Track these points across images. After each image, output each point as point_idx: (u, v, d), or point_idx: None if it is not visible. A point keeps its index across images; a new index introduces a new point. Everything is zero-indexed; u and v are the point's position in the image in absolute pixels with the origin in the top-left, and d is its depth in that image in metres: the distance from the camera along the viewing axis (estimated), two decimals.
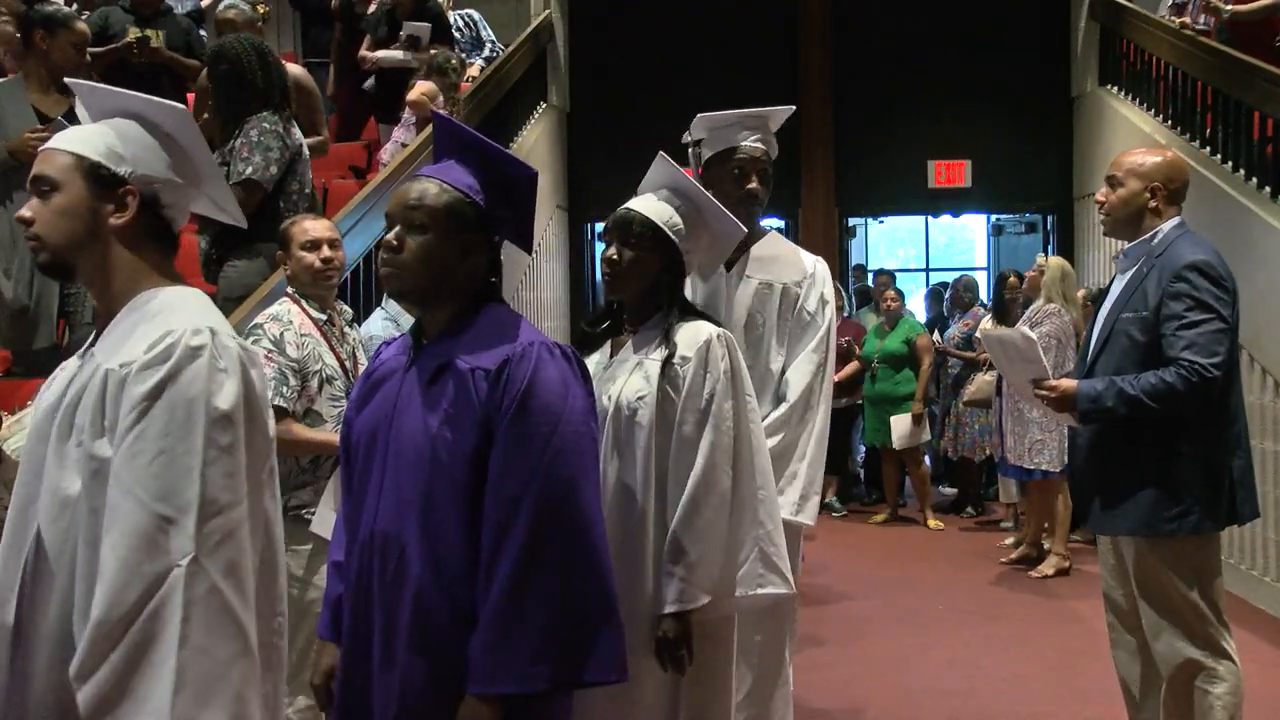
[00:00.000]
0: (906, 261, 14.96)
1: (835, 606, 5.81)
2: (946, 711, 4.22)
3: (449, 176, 1.98)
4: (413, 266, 1.93)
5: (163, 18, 5.91)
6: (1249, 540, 5.76)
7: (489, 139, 2.10)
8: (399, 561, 1.89)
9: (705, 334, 2.46)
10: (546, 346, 1.92)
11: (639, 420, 2.40)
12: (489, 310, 1.98)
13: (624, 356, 2.51)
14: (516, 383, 1.86)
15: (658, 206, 2.53)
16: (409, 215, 1.95)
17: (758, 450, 2.50)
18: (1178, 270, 3.05)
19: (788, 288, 3.12)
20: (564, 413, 1.87)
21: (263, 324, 3.14)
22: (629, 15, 9.27)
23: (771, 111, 3.19)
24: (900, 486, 8.26)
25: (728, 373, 2.44)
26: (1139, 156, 3.30)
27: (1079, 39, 8.71)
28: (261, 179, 3.86)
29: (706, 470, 2.37)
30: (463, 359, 1.90)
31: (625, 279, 2.50)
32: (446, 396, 1.89)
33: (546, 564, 1.81)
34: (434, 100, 5.87)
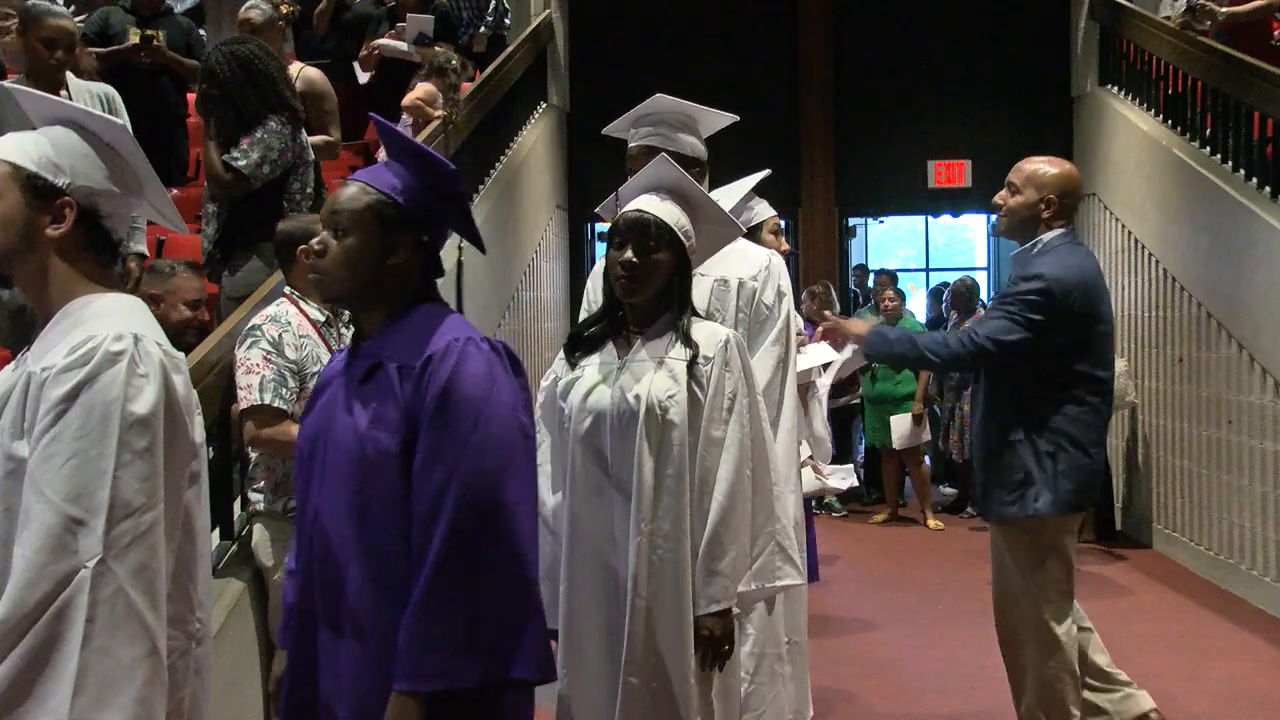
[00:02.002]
0: (906, 261, 14.96)
1: (835, 606, 5.80)
2: (946, 711, 4.22)
3: (373, 178, 1.99)
4: (336, 270, 1.94)
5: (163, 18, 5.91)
6: (1249, 540, 5.76)
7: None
8: (337, 563, 1.89)
9: (723, 335, 2.52)
10: (473, 341, 1.90)
11: (672, 418, 2.44)
12: (423, 309, 1.97)
13: (639, 356, 2.51)
14: (439, 378, 1.85)
15: (669, 209, 2.54)
16: (332, 219, 1.96)
17: (770, 447, 2.56)
18: (1021, 274, 3.34)
19: (744, 282, 3.11)
20: (487, 407, 1.85)
21: (261, 325, 3.14)
22: (629, 15, 9.27)
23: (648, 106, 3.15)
24: (900, 486, 8.27)
25: (744, 369, 2.52)
26: (1040, 166, 3.46)
27: (1079, 39, 8.70)
28: (250, 174, 3.85)
29: (737, 469, 2.44)
30: (390, 358, 1.90)
31: (644, 282, 2.50)
32: (375, 396, 1.89)
33: (468, 560, 1.80)
34: (432, 103, 5.87)
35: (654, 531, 2.42)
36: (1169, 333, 6.79)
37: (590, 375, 2.55)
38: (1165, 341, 6.85)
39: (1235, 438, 5.92)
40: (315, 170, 4.30)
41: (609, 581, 2.48)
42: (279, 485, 3.15)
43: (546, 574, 2.60)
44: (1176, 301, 6.69)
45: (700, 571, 2.42)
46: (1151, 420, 7.13)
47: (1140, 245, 7.31)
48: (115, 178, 1.83)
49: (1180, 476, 6.62)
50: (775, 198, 10.01)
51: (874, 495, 8.69)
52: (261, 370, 3.07)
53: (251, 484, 3.23)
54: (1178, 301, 6.67)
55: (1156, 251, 7.03)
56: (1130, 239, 7.51)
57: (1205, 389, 6.30)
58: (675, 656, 2.41)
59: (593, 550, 2.51)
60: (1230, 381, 5.99)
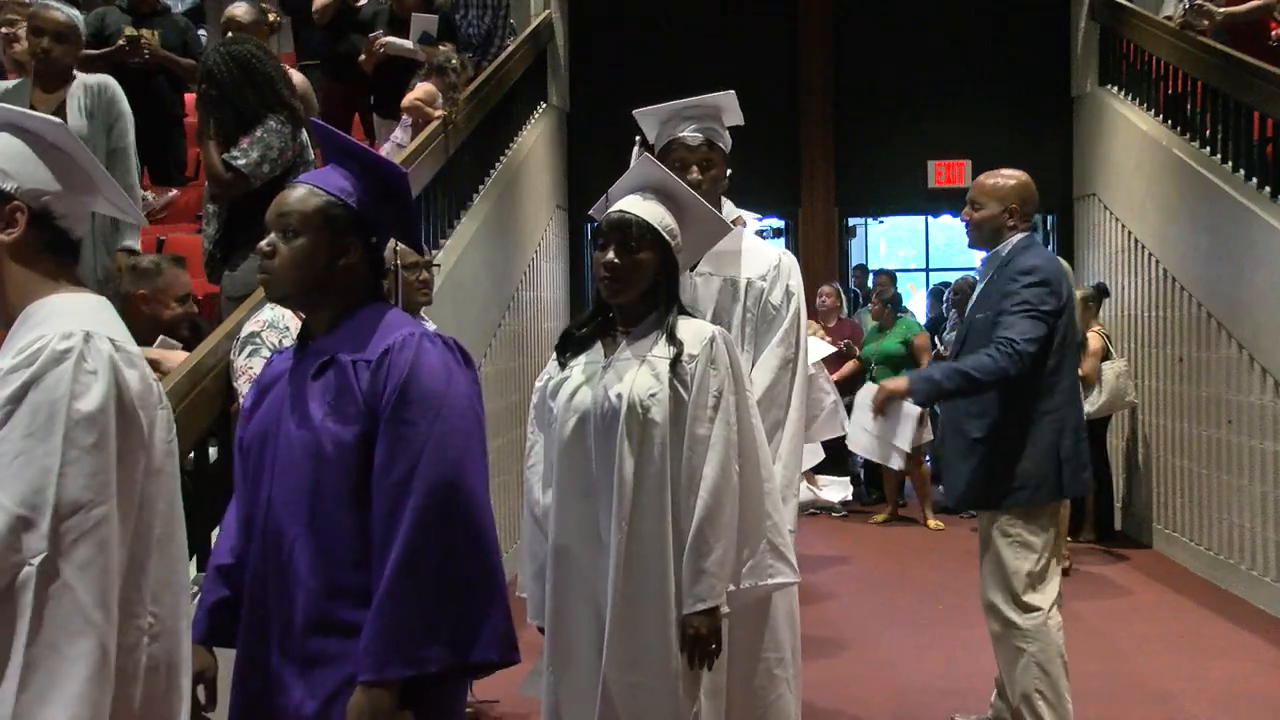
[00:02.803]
0: (906, 261, 14.95)
1: (835, 606, 5.80)
2: (946, 711, 4.22)
3: (321, 181, 2.01)
4: (286, 271, 1.96)
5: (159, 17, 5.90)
6: (1249, 540, 5.76)
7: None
8: (289, 557, 1.91)
9: (708, 332, 2.51)
10: (427, 336, 1.94)
11: (654, 417, 2.44)
12: (371, 308, 2.00)
13: (623, 355, 2.51)
14: (398, 370, 1.87)
15: (652, 208, 2.53)
16: (281, 221, 1.97)
17: (760, 444, 2.56)
18: (1013, 274, 3.56)
19: (752, 282, 3.06)
20: (447, 398, 1.88)
21: (260, 332, 3.13)
22: (629, 15, 9.26)
23: (707, 99, 3.11)
24: (900, 486, 8.26)
25: (729, 370, 2.49)
26: (996, 179, 3.73)
27: (1079, 39, 8.70)
28: (250, 173, 3.85)
29: (722, 466, 2.43)
30: (344, 353, 1.93)
31: (628, 283, 2.50)
32: (330, 390, 1.92)
33: (435, 547, 1.82)
34: (432, 103, 5.87)
35: (635, 530, 2.42)
36: (1169, 333, 6.79)
37: (576, 375, 2.56)
38: (1165, 341, 6.85)
39: (1235, 438, 5.92)
40: None
41: (595, 580, 2.48)
42: None
43: (537, 573, 2.61)
44: (1176, 301, 6.69)
45: (686, 570, 2.41)
46: (1151, 420, 7.13)
47: (1140, 245, 7.31)
48: (63, 177, 1.81)
49: (1180, 476, 6.62)
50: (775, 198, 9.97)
51: (874, 495, 8.69)
52: None
53: None
54: (1178, 301, 6.67)
55: (1156, 251, 7.03)
56: (1130, 239, 7.51)
57: (1205, 389, 6.30)
58: (658, 654, 2.41)
59: (578, 549, 2.51)
60: (1230, 381, 5.99)
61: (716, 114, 3.12)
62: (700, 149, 3.05)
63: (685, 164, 3.02)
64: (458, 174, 6.17)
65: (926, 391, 3.54)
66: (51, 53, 4.21)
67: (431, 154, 5.62)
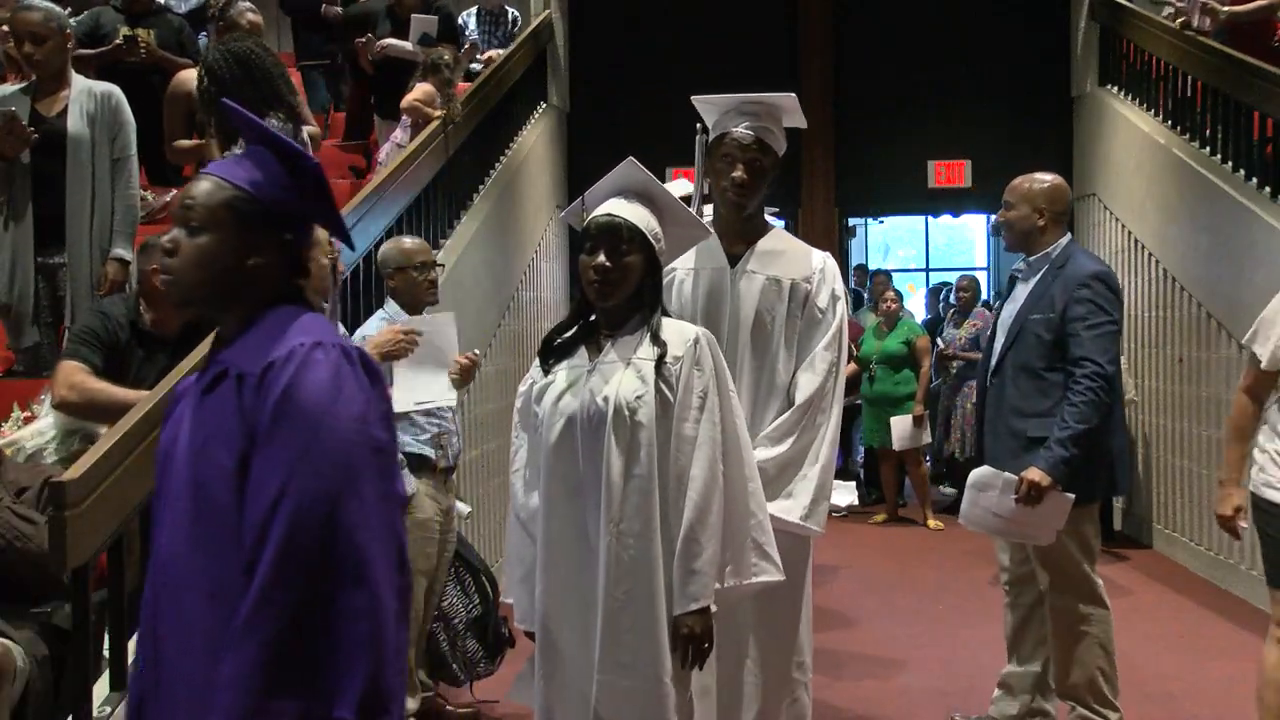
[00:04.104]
0: (906, 261, 14.96)
1: (835, 606, 5.80)
2: (946, 711, 4.22)
3: (229, 172, 1.82)
4: (189, 270, 1.77)
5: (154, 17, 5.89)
6: (1249, 540, 5.76)
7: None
8: (173, 587, 1.74)
9: (691, 333, 2.52)
10: (322, 346, 1.72)
11: (640, 419, 2.43)
12: (279, 313, 1.80)
13: (608, 358, 2.50)
14: (277, 386, 1.68)
15: (639, 212, 2.54)
16: (184, 215, 1.79)
17: (744, 444, 2.57)
18: (1082, 279, 3.62)
19: (796, 284, 3.00)
20: (328, 418, 1.66)
21: None
22: (629, 15, 9.26)
23: (767, 97, 3.06)
24: (900, 487, 8.26)
25: (713, 369, 2.50)
26: (1029, 182, 3.83)
27: (1079, 39, 8.70)
28: None
29: (710, 467, 2.44)
30: (234, 365, 1.75)
31: (618, 286, 2.50)
32: (214, 408, 1.74)
33: (294, 589, 1.60)
34: (431, 103, 5.87)
35: (624, 531, 2.41)
36: (1169, 333, 6.79)
37: (561, 379, 2.54)
38: (1165, 341, 6.85)
39: None
40: None
41: (584, 584, 2.47)
42: None
43: (524, 577, 2.60)
44: (1176, 301, 6.69)
45: (678, 570, 2.41)
46: (1151, 420, 7.13)
47: (1140, 245, 7.31)
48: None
49: (1180, 476, 6.62)
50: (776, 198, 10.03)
51: (874, 495, 8.69)
52: None
53: None
54: (1178, 301, 6.67)
55: (1156, 251, 7.03)
56: (1130, 239, 7.51)
57: (1205, 389, 6.30)
58: (649, 655, 2.40)
59: (567, 554, 2.49)
60: (1230, 381, 5.97)
61: (774, 113, 3.06)
62: (751, 147, 3.00)
63: (732, 160, 2.99)
64: (458, 174, 6.17)
65: (1062, 470, 3.49)
66: (33, 56, 4.19)
67: (431, 154, 5.62)
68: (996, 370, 3.75)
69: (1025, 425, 3.63)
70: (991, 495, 3.59)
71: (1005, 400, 3.71)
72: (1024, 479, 3.50)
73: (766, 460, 2.85)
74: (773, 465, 2.88)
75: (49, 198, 4.18)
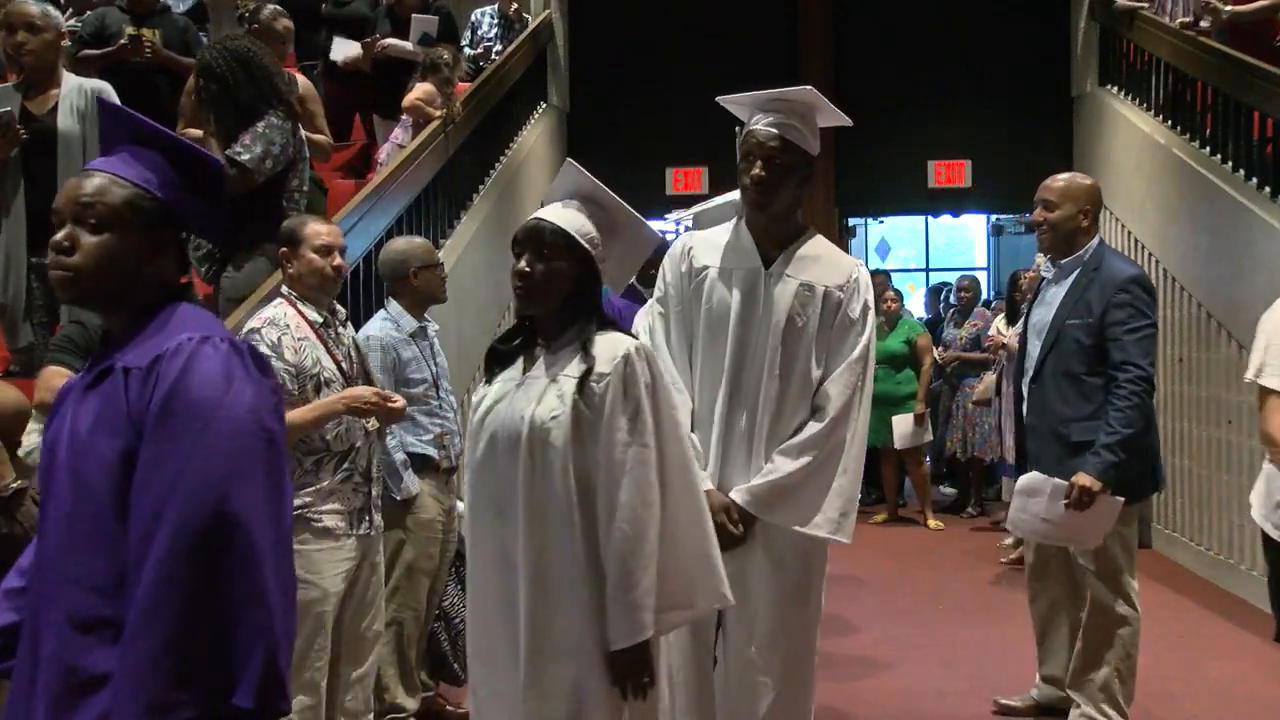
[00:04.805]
0: (906, 261, 14.96)
1: (835, 606, 5.79)
2: (946, 711, 4.22)
3: (123, 169, 1.78)
4: (90, 270, 1.74)
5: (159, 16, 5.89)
6: (1249, 540, 5.76)
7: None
8: (54, 580, 1.72)
9: (624, 348, 2.33)
10: (210, 340, 1.71)
11: (553, 440, 2.29)
12: (170, 308, 1.78)
13: (537, 374, 2.38)
14: (166, 379, 1.66)
15: (569, 215, 2.41)
16: (81, 212, 1.74)
17: (684, 466, 2.39)
18: (1121, 283, 3.64)
19: (830, 291, 2.91)
20: (220, 409, 1.65)
21: (260, 328, 3.13)
22: (629, 15, 9.26)
23: (786, 93, 2.99)
24: (900, 486, 8.27)
25: (649, 386, 2.33)
26: (1067, 181, 3.83)
27: (1079, 39, 8.70)
28: (255, 168, 3.85)
29: (640, 492, 2.27)
30: (121, 360, 1.72)
31: (539, 293, 2.37)
32: (99, 402, 1.72)
33: (187, 580, 1.59)
34: (432, 102, 5.88)
35: (543, 557, 2.30)
36: (1169, 333, 6.79)
37: (493, 393, 2.43)
38: (1165, 341, 6.85)
39: (1235, 438, 5.92)
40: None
41: (508, 608, 2.35)
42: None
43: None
44: (1176, 301, 6.69)
45: (612, 604, 2.27)
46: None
47: (1140, 245, 7.31)
48: None
49: (1180, 476, 6.62)
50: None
51: (874, 495, 8.69)
52: None
53: None
54: (1178, 301, 6.67)
55: (1156, 251, 7.03)
56: (1130, 239, 7.51)
57: (1205, 389, 6.30)
58: (574, 684, 2.29)
59: (493, 575, 2.39)
60: (1230, 381, 5.98)
61: (798, 110, 2.96)
62: (770, 144, 2.89)
63: (750, 157, 2.90)
64: (458, 174, 6.17)
65: (1111, 474, 3.53)
66: (26, 45, 4.16)
67: (431, 154, 5.63)
68: (1036, 376, 3.76)
69: (1069, 430, 3.65)
70: (1040, 501, 3.61)
71: (1047, 405, 3.72)
72: (1075, 484, 3.52)
73: (793, 472, 2.81)
74: (799, 477, 2.82)
75: (41, 196, 4.17)
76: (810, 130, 3.00)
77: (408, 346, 3.79)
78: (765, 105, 2.96)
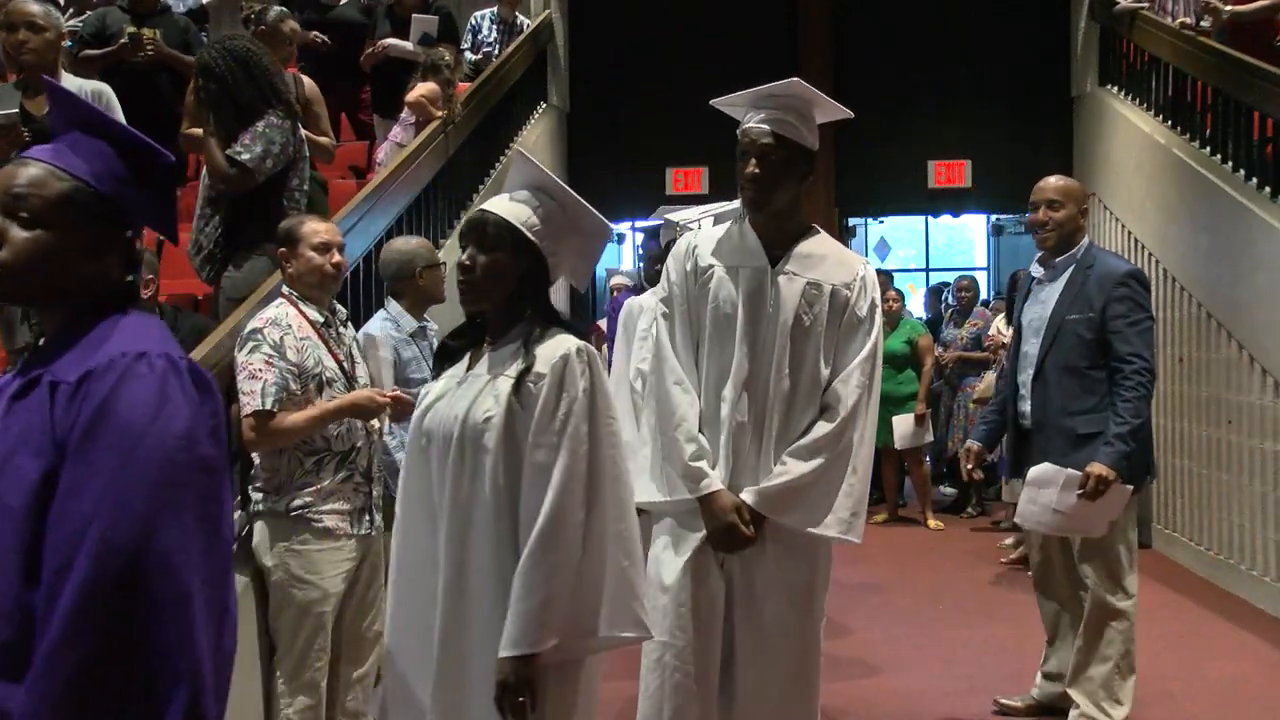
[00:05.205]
0: (906, 261, 14.96)
1: (835, 607, 5.78)
2: (946, 711, 4.22)
3: (63, 160, 1.65)
4: (17, 267, 1.60)
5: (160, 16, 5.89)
6: (1249, 540, 5.76)
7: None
8: None
9: (565, 348, 2.21)
10: (147, 357, 1.57)
11: (485, 444, 2.18)
12: (115, 319, 1.64)
13: (479, 372, 2.28)
14: (93, 399, 1.52)
15: (513, 206, 2.30)
16: (13, 204, 1.61)
17: (615, 480, 2.24)
18: (1119, 278, 3.74)
19: (837, 289, 2.86)
20: (149, 435, 1.51)
21: (261, 329, 3.13)
22: (629, 15, 9.26)
23: (774, 88, 2.89)
24: (900, 487, 8.27)
25: (587, 392, 2.20)
26: (1066, 182, 3.96)
27: (1079, 39, 8.71)
28: (255, 168, 3.85)
29: (560, 501, 2.14)
30: (50, 372, 1.58)
31: (481, 287, 2.27)
32: (24, 416, 1.58)
33: (99, 621, 1.46)
34: (435, 101, 5.88)
35: (464, 563, 2.19)
36: (1169, 333, 6.79)
37: (435, 390, 2.33)
38: (1165, 341, 6.85)
39: (1235, 438, 5.92)
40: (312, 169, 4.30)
41: (430, 618, 2.23)
42: (281, 485, 3.15)
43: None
44: (1176, 301, 6.69)
45: (510, 609, 2.12)
46: (1151, 420, 7.11)
47: (1140, 245, 7.32)
48: None
49: (1180, 476, 6.62)
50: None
51: (874, 495, 8.69)
52: (264, 375, 3.07)
53: (252, 483, 3.23)
54: (1178, 301, 6.67)
55: (1156, 251, 7.03)
56: (1130, 239, 7.52)
57: (1205, 389, 6.30)
58: (482, 701, 2.15)
59: (416, 584, 2.28)
60: (1230, 381, 5.99)
61: (794, 105, 2.91)
62: (763, 141, 2.83)
63: (744, 156, 2.85)
64: (458, 174, 6.17)
65: (1123, 464, 3.61)
66: (28, 43, 4.13)
67: (431, 154, 5.63)
68: (1038, 372, 3.82)
69: (1074, 423, 3.72)
70: (1051, 492, 3.66)
71: (1051, 400, 3.78)
72: (1091, 474, 3.59)
73: (805, 474, 2.79)
74: (811, 479, 2.80)
75: None
76: (806, 125, 2.94)
77: (408, 346, 3.79)
78: (758, 102, 2.91)
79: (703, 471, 2.79)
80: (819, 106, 2.98)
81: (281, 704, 3.13)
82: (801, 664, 2.93)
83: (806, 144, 2.92)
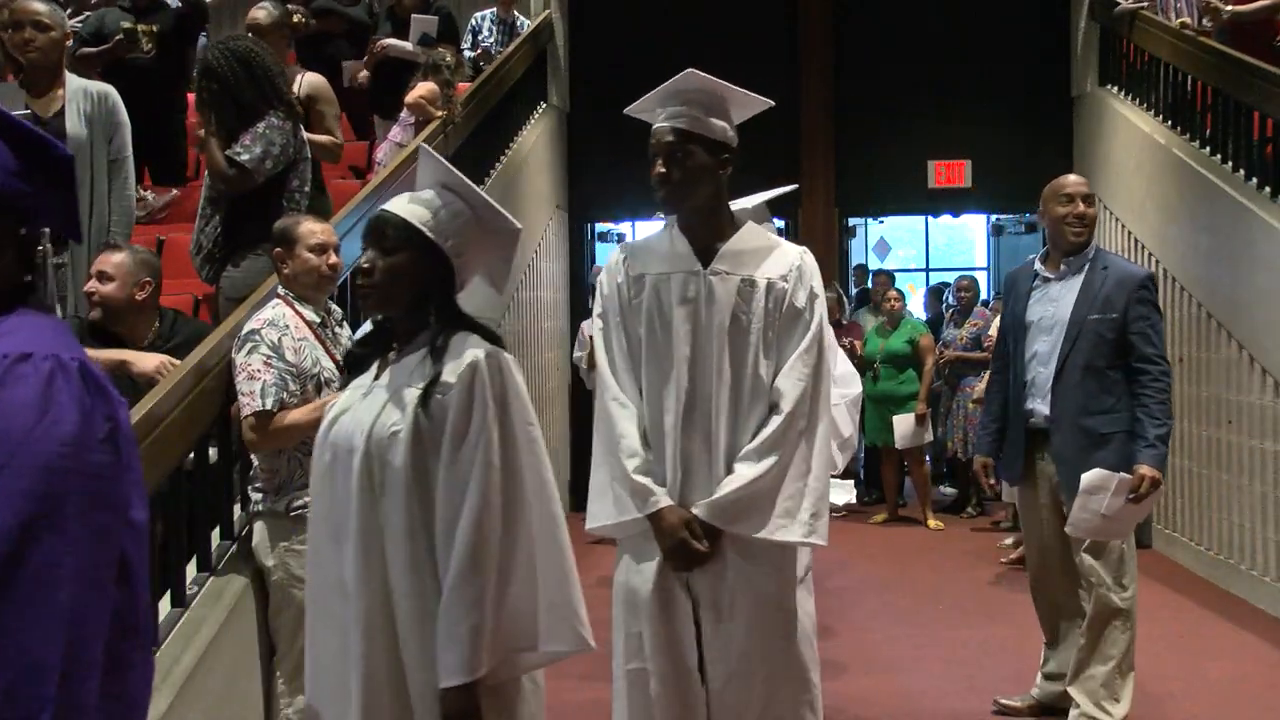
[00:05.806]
0: (906, 261, 14.96)
1: (835, 606, 5.80)
2: (946, 711, 4.22)
3: None
4: None
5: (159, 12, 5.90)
6: (1249, 540, 5.76)
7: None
8: None
9: (472, 356, 2.08)
10: (32, 360, 1.45)
11: (391, 460, 2.06)
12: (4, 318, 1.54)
13: (384, 381, 2.16)
14: None
15: (414, 206, 2.18)
16: None
17: (540, 488, 2.15)
18: (1140, 280, 3.83)
19: (773, 283, 2.74)
20: (29, 443, 1.41)
21: (259, 330, 3.13)
22: (629, 15, 9.26)
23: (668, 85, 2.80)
24: (900, 486, 8.27)
25: (499, 400, 2.08)
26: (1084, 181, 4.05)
27: (1079, 39, 8.70)
28: (254, 168, 3.85)
29: (478, 519, 2.02)
30: None
31: (383, 292, 2.14)
32: None
33: None
34: (434, 101, 5.88)
35: (376, 587, 2.07)
36: (1169, 333, 6.78)
37: (341, 402, 2.21)
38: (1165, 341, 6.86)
39: (1235, 438, 5.92)
40: (315, 169, 4.29)
41: (344, 640, 2.11)
42: (281, 486, 3.15)
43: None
44: (1176, 301, 6.69)
45: (441, 636, 2.01)
46: None
47: (1140, 245, 7.32)
48: None
49: (1180, 476, 6.62)
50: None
51: (874, 495, 8.70)
52: (263, 375, 3.07)
53: (252, 484, 3.23)
54: (1178, 301, 6.67)
55: (1156, 251, 7.03)
56: (1130, 239, 7.52)
57: (1205, 389, 6.30)
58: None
59: (328, 612, 2.16)
60: (1230, 381, 5.99)
61: (698, 99, 2.77)
62: (665, 139, 2.72)
63: (653, 157, 2.75)
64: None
65: (1160, 461, 3.68)
66: (34, 41, 4.11)
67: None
68: (1059, 373, 3.81)
69: (1095, 423, 3.76)
70: (1102, 498, 3.66)
71: (1072, 400, 3.79)
72: (1144, 476, 3.63)
73: (755, 478, 2.64)
74: (763, 483, 2.65)
75: None
76: (717, 116, 2.77)
77: None
78: (662, 102, 2.82)
79: (648, 489, 2.65)
80: (725, 96, 2.82)
81: (281, 704, 3.13)
82: (786, 673, 2.79)
83: (715, 136, 2.75)
